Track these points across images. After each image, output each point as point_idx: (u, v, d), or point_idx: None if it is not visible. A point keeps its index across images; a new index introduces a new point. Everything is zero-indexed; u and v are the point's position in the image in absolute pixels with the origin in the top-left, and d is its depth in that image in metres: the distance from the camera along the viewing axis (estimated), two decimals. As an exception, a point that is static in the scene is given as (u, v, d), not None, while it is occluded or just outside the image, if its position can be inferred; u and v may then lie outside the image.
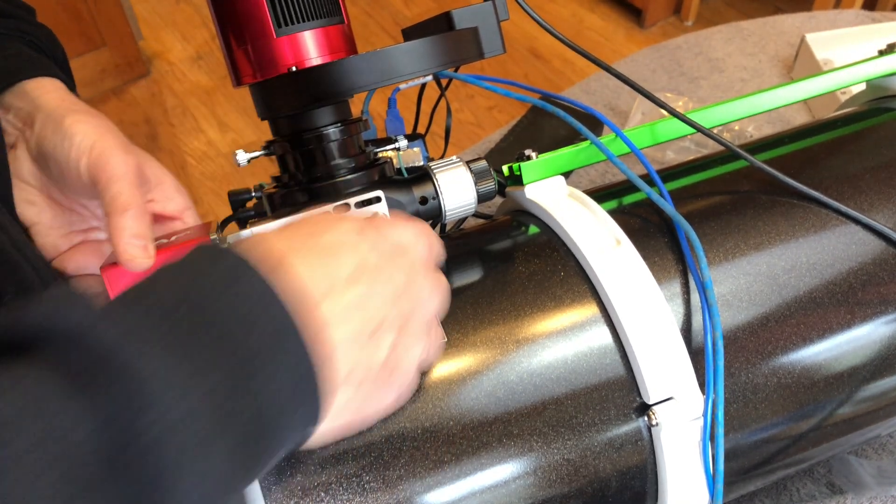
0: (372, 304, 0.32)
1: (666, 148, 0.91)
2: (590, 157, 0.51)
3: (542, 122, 0.94)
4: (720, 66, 1.04)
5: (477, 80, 0.52)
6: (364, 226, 0.34)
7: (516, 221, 0.50)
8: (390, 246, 0.34)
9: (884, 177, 0.49)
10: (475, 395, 0.40)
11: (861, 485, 0.58)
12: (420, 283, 0.35)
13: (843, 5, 1.84)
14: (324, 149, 0.44)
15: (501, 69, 2.09)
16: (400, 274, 0.33)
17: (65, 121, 0.43)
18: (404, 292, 0.33)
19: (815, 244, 0.46)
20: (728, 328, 0.43)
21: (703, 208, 0.48)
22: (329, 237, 0.33)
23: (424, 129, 0.61)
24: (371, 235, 0.34)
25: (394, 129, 0.58)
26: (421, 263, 0.35)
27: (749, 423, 0.44)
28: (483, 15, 0.45)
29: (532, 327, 0.42)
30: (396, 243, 0.34)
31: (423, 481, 0.38)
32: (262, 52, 0.43)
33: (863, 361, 0.46)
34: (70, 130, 0.43)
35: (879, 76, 0.56)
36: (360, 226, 0.34)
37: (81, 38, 2.00)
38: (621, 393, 0.41)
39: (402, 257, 0.34)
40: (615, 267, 0.42)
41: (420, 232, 0.36)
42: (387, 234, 0.34)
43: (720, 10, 2.28)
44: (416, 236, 0.36)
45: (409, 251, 0.35)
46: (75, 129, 0.43)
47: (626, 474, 0.42)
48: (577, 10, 2.33)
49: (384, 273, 0.33)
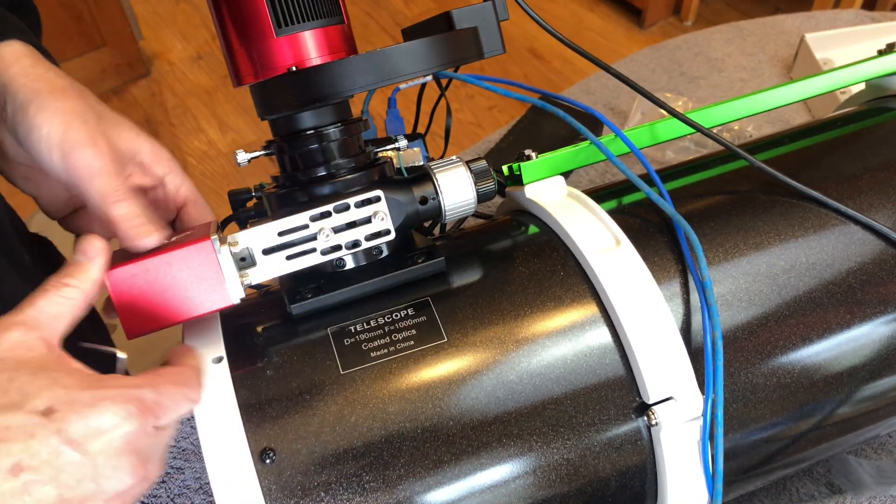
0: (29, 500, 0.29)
1: (665, 148, 0.91)
2: (589, 156, 0.51)
3: (542, 122, 0.94)
4: (720, 66, 1.04)
5: (477, 80, 0.52)
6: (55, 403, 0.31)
7: (516, 221, 0.50)
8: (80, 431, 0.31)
9: (883, 177, 0.49)
10: (475, 395, 0.40)
11: (860, 484, 0.58)
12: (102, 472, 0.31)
13: (842, 5, 1.84)
14: (324, 149, 0.44)
15: (501, 69, 2.09)
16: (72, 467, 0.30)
17: (29, 109, 0.42)
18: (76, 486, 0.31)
19: (815, 244, 0.46)
20: (727, 328, 0.43)
21: (702, 208, 0.48)
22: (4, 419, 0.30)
23: (424, 129, 0.61)
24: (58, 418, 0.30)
25: (394, 129, 0.58)
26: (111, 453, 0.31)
27: (748, 422, 0.44)
28: (483, 15, 0.45)
29: (532, 327, 0.42)
30: (88, 427, 0.31)
31: (423, 481, 0.38)
32: (262, 52, 0.43)
33: (862, 361, 0.46)
34: (36, 121, 0.41)
35: (879, 76, 0.56)
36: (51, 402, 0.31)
37: (81, 38, 2.00)
38: (621, 393, 0.41)
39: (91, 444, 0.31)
40: (615, 267, 0.42)
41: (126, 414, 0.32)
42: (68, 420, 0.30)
43: (720, 10, 2.28)
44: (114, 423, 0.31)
45: (103, 435, 0.31)
46: (41, 121, 0.41)
47: (626, 474, 0.42)
48: (577, 9, 2.33)
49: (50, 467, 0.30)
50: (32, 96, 0.42)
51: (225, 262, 0.40)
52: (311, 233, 0.41)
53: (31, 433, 0.30)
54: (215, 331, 0.42)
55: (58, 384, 0.31)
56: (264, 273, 0.41)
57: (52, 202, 0.48)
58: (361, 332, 0.41)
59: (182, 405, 0.36)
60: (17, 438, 0.29)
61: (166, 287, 0.39)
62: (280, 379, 0.40)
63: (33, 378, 0.31)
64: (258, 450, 0.37)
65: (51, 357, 0.33)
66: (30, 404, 0.30)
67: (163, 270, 0.39)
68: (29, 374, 0.31)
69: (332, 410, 0.39)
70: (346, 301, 0.43)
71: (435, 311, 0.42)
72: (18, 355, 0.32)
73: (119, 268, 0.39)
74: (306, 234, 0.41)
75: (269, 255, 0.41)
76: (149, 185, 0.47)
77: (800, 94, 0.55)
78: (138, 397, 0.33)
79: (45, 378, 0.31)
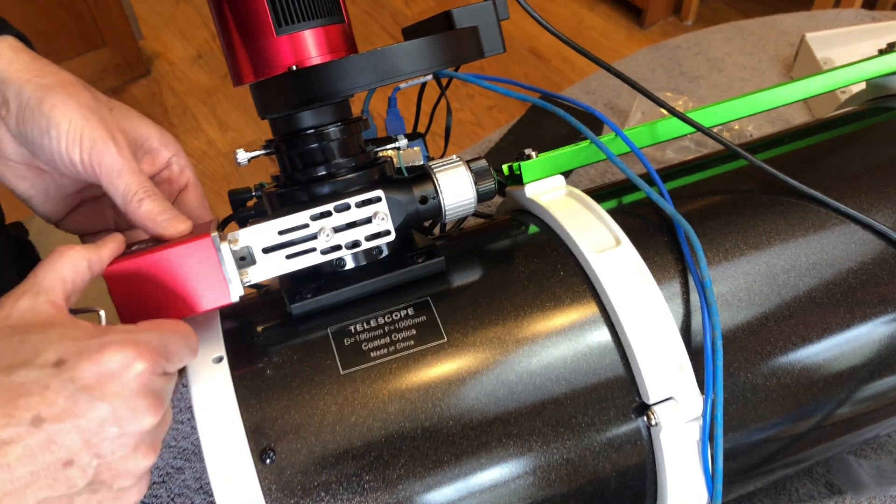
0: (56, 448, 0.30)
1: (666, 147, 0.91)
2: (590, 156, 0.51)
3: (542, 122, 0.94)
4: (720, 65, 1.04)
5: (477, 80, 0.52)
6: (65, 354, 0.32)
7: (516, 221, 0.50)
8: (93, 376, 0.32)
9: (883, 176, 0.49)
10: (475, 395, 0.40)
11: (860, 485, 0.58)
12: (120, 413, 0.32)
13: (842, 5, 1.84)
14: (324, 148, 0.44)
15: (501, 68, 2.09)
16: (92, 412, 0.31)
17: (43, 105, 0.41)
18: (99, 429, 0.32)
19: (815, 244, 0.46)
20: (727, 328, 0.43)
21: (702, 208, 0.48)
22: (10, 378, 0.30)
23: (424, 128, 0.61)
24: (70, 367, 0.31)
25: (394, 129, 0.58)
26: (126, 394, 0.32)
27: (748, 423, 0.44)
28: (483, 14, 0.45)
29: (532, 327, 0.42)
30: (100, 372, 0.32)
31: (423, 481, 0.38)
32: (262, 52, 0.43)
33: (862, 361, 0.46)
34: (54, 118, 0.41)
35: (879, 75, 0.56)
36: (61, 354, 0.32)
37: (81, 38, 2.00)
38: (621, 393, 0.41)
39: (106, 387, 0.32)
40: (615, 267, 0.42)
41: (135, 354, 0.33)
42: (82, 367, 0.31)
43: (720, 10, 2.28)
44: (123, 364, 0.32)
45: (116, 378, 0.32)
46: (59, 117, 0.41)
47: (626, 474, 0.42)
48: (577, 9, 2.32)
49: (70, 414, 0.31)
50: (44, 93, 0.42)
51: (225, 260, 0.40)
52: (311, 232, 0.41)
53: (45, 385, 0.31)
54: (215, 330, 0.42)
55: (66, 337, 0.32)
56: (264, 272, 0.41)
57: (48, 201, 0.48)
58: (361, 331, 0.41)
59: (184, 352, 0.36)
60: (33, 391, 0.30)
61: (166, 284, 0.39)
62: (280, 379, 0.40)
63: (43, 335, 0.32)
64: (258, 450, 0.37)
65: (58, 316, 0.34)
66: (40, 359, 0.31)
67: (162, 267, 0.39)
68: (38, 333, 0.32)
69: (332, 410, 0.39)
70: (346, 301, 0.43)
71: (435, 311, 0.42)
72: (28, 320, 0.33)
73: (118, 264, 0.39)
74: (306, 233, 0.41)
75: (269, 254, 0.41)
76: (157, 169, 0.48)
77: (800, 94, 0.55)
78: (144, 340, 0.34)
79: (53, 333, 0.32)
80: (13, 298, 0.34)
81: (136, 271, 0.39)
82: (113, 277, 0.39)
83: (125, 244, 0.41)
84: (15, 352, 0.32)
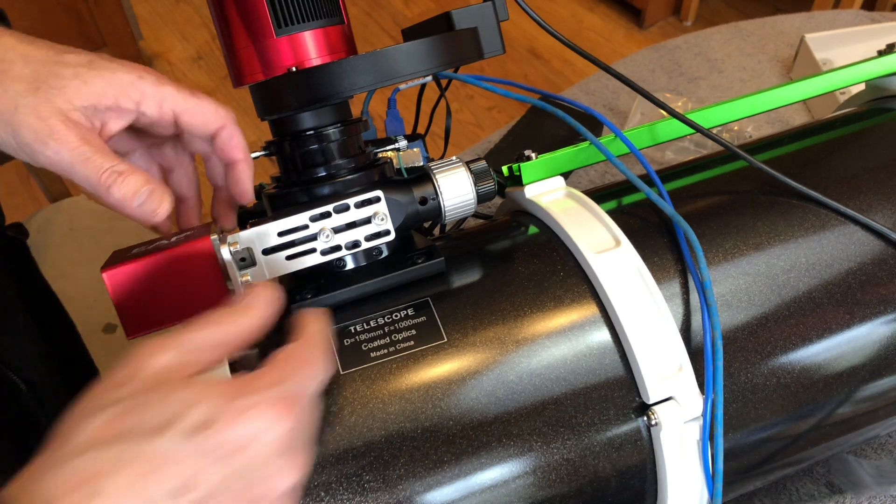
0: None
1: (665, 148, 0.91)
2: (589, 157, 0.51)
3: (542, 123, 0.94)
4: (719, 66, 1.04)
5: (476, 81, 0.52)
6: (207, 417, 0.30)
7: (516, 222, 0.50)
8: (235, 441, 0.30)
9: (883, 177, 0.49)
10: (475, 395, 0.40)
11: (860, 484, 0.58)
12: (265, 473, 0.31)
13: (842, 5, 1.84)
14: (324, 149, 0.44)
15: (501, 69, 2.09)
16: (235, 477, 0.30)
17: None
18: (241, 494, 0.30)
19: (814, 244, 0.46)
20: (727, 328, 0.43)
21: (702, 208, 0.48)
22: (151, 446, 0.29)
23: (424, 129, 0.61)
24: (212, 433, 0.30)
25: (394, 130, 0.58)
26: (272, 455, 0.31)
27: (748, 422, 0.44)
28: (483, 15, 0.45)
29: (532, 327, 0.42)
30: (236, 440, 0.30)
31: (423, 481, 0.38)
32: (262, 53, 0.43)
33: (862, 361, 0.46)
34: None
35: (878, 76, 0.56)
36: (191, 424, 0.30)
37: (81, 38, 2.00)
38: (621, 393, 0.41)
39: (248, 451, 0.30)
40: (614, 267, 0.42)
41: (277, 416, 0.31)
42: (225, 432, 0.30)
43: (719, 10, 2.28)
44: (268, 427, 0.31)
45: (253, 444, 0.31)
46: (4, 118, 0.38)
47: (626, 474, 0.42)
48: (577, 10, 2.33)
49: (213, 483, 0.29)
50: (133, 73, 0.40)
51: (225, 262, 0.40)
52: (311, 233, 0.41)
53: (189, 452, 0.29)
54: (215, 331, 0.42)
55: (208, 397, 0.31)
56: (264, 273, 0.41)
57: None
58: (361, 332, 0.41)
59: (320, 380, 0.35)
60: (178, 461, 0.29)
61: (166, 286, 0.39)
62: (280, 379, 0.40)
63: (184, 392, 0.31)
64: (258, 450, 0.37)
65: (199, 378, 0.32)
66: (182, 423, 0.30)
67: (162, 270, 0.39)
68: (180, 390, 0.31)
69: (332, 410, 0.39)
70: (345, 301, 0.43)
71: (435, 312, 0.42)
72: (169, 376, 0.32)
73: (119, 267, 0.39)
74: (306, 234, 0.41)
75: (269, 256, 0.41)
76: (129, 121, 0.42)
77: (800, 95, 0.55)
78: (282, 396, 0.32)
79: (194, 392, 0.31)
80: (157, 348, 0.32)
81: (137, 273, 0.39)
82: (113, 280, 0.39)
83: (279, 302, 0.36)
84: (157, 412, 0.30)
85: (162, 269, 0.39)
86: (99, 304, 1.17)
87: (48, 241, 1.18)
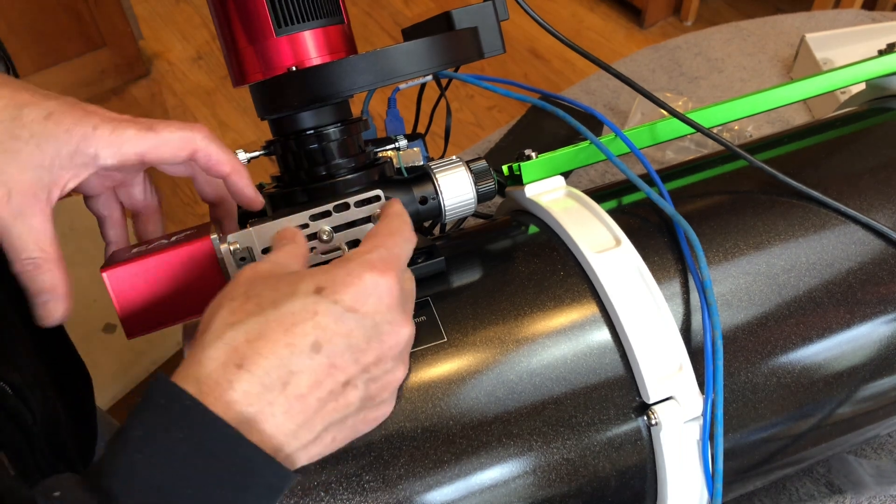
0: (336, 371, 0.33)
1: (665, 148, 0.91)
2: (589, 156, 0.51)
3: (542, 122, 0.94)
4: (720, 66, 1.04)
5: (477, 80, 0.52)
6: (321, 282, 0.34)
7: (516, 221, 0.50)
8: (351, 297, 0.34)
9: (883, 177, 0.49)
10: (475, 394, 0.40)
11: (860, 484, 0.58)
12: (382, 328, 0.35)
13: (842, 5, 1.84)
14: (324, 148, 0.44)
15: (501, 69, 2.09)
16: (359, 330, 0.34)
17: None
18: (367, 346, 0.34)
19: (815, 244, 0.46)
20: (727, 328, 0.43)
21: (702, 208, 0.48)
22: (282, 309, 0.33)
23: (424, 128, 0.61)
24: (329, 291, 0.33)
25: (394, 129, 0.58)
26: (383, 309, 0.35)
27: (748, 422, 0.44)
28: (483, 15, 0.45)
29: (532, 327, 0.42)
30: (357, 292, 0.34)
31: (423, 481, 0.38)
32: (262, 52, 0.43)
33: (862, 361, 0.46)
34: None
35: (879, 76, 0.56)
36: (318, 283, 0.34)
37: (81, 38, 2.00)
38: (621, 392, 0.41)
39: (366, 305, 0.34)
40: (615, 267, 0.42)
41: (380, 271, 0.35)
42: (340, 292, 0.34)
43: (720, 10, 2.28)
44: (374, 283, 0.34)
45: (372, 295, 0.34)
46: None
47: (626, 474, 0.42)
48: (577, 9, 2.33)
49: (341, 335, 0.33)
50: None
51: (225, 261, 0.40)
52: (310, 232, 0.41)
53: (314, 310, 0.33)
54: (215, 331, 0.42)
55: (315, 272, 0.34)
56: (264, 273, 0.41)
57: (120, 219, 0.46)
58: (361, 331, 0.41)
59: (406, 248, 0.38)
60: (305, 318, 0.32)
61: (166, 286, 0.39)
62: (280, 379, 0.40)
63: (294, 275, 0.35)
64: (258, 449, 0.37)
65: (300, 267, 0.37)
66: (301, 289, 0.33)
67: (163, 269, 0.39)
68: (289, 275, 0.35)
69: (332, 410, 0.39)
70: (346, 301, 0.43)
71: (435, 311, 0.42)
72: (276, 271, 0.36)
73: (119, 267, 0.39)
74: (306, 233, 0.41)
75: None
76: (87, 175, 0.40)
77: (800, 94, 0.55)
78: (379, 258, 0.35)
79: (301, 273, 0.35)
80: (253, 265, 0.36)
81: (137, 273, 0.39)
82: (114, 279, 0.39)
83: None
84: (274, 289, 0.33)
85: (162, 268, 0.39)
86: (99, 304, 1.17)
87: (48, 241, 1.18)
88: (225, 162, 0.41)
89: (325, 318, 0.33)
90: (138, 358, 1.15)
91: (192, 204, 1.81)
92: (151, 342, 1.15)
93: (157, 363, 1.15)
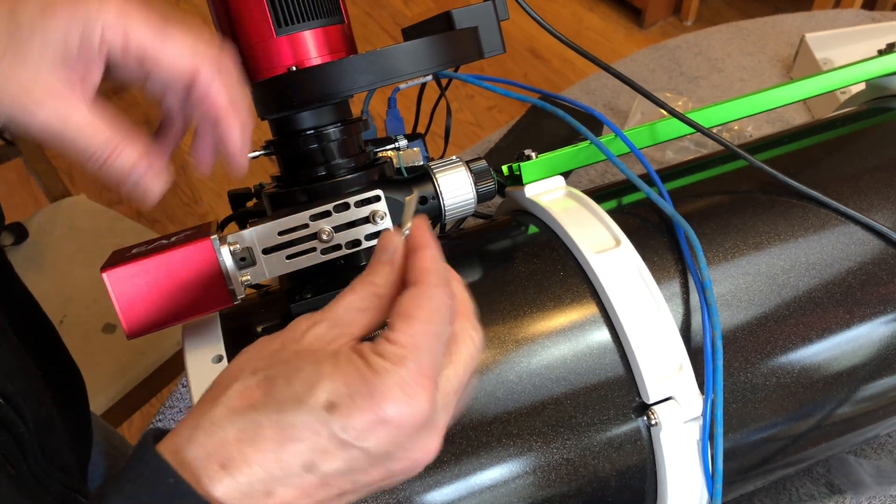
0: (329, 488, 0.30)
1: (665, 148, 0.91)
2: (589, 156, 0.51)
3: (542, 122, 0.94)
4: (720, 65, 1.04)
5: (477, 80, 0.52)
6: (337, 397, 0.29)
7: (516, 221, 0.50)
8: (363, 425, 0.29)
9: (883, 177, 0.49)
10: (475, 394, 0.40)
11: (860, 484, 0.58)
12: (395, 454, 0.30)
13: (842, 5, 1.84)
14: (324, 148, 0.44)
15: (501, 69, 2.09)
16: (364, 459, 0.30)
17: None
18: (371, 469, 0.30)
19: (815, 244, 0.46)
20: (727, 328, 0.43)
21: (702, 208, 0.48)
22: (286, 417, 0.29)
23: (424, 128, 0.61)
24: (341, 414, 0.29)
25: (394, 129, 0.58)
26: (402, 438, 0.30)
27: (748, 422, 0.44)
28: (483, 15, 0.45)
29: (531, 327, 0.42)
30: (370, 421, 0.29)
31: (422, 481, 0.38)
32: (262, 52, 0.43)
33: (862, 361, 0.46)
34: None
35: (879, 76, 0.56)
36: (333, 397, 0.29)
37: (81, 37, 1.99)
38: (620, 393, 0.41)
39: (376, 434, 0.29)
40: (614, 267, 0.42)
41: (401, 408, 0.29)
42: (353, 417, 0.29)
43: (720, 10, 2.28)
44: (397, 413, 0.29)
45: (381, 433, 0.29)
46: None
47: (626, 474, 0.42)
48: (577, 9, 2.33)
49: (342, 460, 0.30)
50: None
51: (225, 262, 0.40)
52: (311, 232, 0.41)
53: (316, 430, 0.29)
54: (215, 330, 0.42)
55: (338, 376, 0.30)
56: (264, 272, 0.41)
57: None
58: (361, 331, 0.41)
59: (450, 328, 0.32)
60: (304, 437, 0.29)
61: (166, 287, 0.39)
62: (280, 379, 0.40)
63: (317, 367, 0.30)
64: (258, 450, 0.37)
65: (343, 351, 0.31)
66: (312, 398, 0.29)
67: (163, 270, 0.39)
68: (313, 364, 0.30)
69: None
70: (345, 301, 0.43)
71: (435, 311, 0.42)
72: (318, 347, 0.31)
73: (119, 268, 0.39)
74: (306, 233, 0.41)
75: (270, 255, 0.41)
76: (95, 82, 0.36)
77: (800, 94, 0.55)
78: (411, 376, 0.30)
79: (327, 367, 0.30)
80: (312, 322, 0.32)
81: (137, 274, 0.39)
82: (114, 279, 0.39)
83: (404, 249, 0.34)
84: (288, 382, 0.30)
85: (162, 268, 0.39)
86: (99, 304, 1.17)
87: (48, 241, 1.18)
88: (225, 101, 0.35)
89: (328, 442, 0.29)
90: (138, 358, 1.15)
91: (192, 204, 1.81)
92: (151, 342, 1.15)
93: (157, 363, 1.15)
